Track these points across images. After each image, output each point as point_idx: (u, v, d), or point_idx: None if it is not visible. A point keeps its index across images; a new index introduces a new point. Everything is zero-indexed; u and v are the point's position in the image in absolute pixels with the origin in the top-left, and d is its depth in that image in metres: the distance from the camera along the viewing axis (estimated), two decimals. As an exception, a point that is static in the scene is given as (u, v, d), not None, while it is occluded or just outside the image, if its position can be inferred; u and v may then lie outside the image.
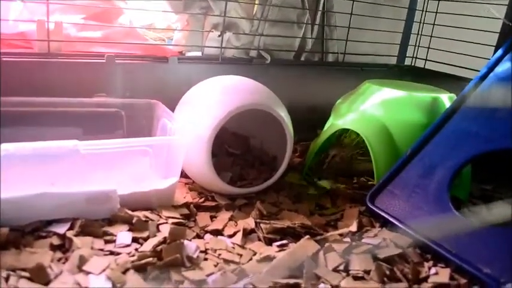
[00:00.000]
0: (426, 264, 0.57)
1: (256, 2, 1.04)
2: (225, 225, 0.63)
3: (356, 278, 0.53)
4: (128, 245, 0.54)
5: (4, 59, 0.74)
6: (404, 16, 1.23)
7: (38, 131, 0.68)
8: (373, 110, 0.80)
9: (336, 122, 0.82)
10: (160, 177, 0.66)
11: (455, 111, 0.70)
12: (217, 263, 0.54)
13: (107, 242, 0.55)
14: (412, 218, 0.64)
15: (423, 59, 1.18)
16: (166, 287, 0.48)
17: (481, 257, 0.55)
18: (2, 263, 0.47)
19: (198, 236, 0.60)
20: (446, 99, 0.79)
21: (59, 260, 0.51)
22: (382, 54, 1.22)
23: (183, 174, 0.73)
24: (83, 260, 0.50)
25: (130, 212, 0.59)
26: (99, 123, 0.74)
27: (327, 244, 0.58)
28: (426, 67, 1.18)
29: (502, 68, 0.69)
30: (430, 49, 1.16)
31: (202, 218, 0.65)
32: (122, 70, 0.84)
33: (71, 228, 0.55)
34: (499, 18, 0.98)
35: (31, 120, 0.69)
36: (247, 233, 0.62)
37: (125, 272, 0.49)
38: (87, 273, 0.48)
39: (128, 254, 0.53)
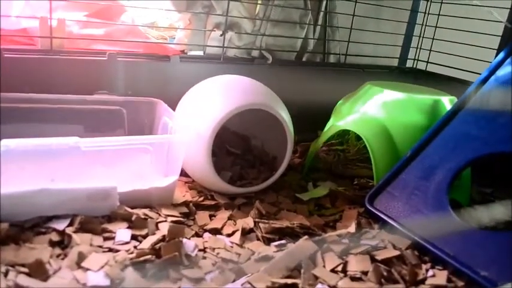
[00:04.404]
0: (424, 266, 0.57)
1: (259, 1, 1.04)
2: (224, 224, 0.63)
3: (354, 278, 0.53)
4: (127, 242, 0.54)
5: (6, 55, 0.75)
6: (406, 18, 1.23)
7: (39, 127, 0.68)
8: (373, 111, 0.80)
9: (337, 123, 0.82)
10: (160, 176, 0.67)
11: (456, 113, 0.70)
12: (216, 262, 0.54)
13: (106, 238, 0.55)
14: (410, 219, 0.64)
15: (425, 61, 1.18)
16: (164, 285, 0.49)
17: (478, 260, 0.55)
18: (1, 259, 0.48)
19: (197, 235, 0.60)
20: (447, 101, 0.79)
21: (58, 256, 0.51)
22: (383, 56, 1.22)
23: (183, 173, 0.73)
24: (81, 257, 0.50)
25: (129, 210, 0.59)
26: (101, 120, 0.74)
27: (325, 245, 0.58)
28: (428, 69, 1.18)
29: (503, 71, 0.69)
30: (431, 51, 1.16)
31: (202, 216, 0.65)
32: (123, 68, 0.84)
33: (70, 224, 0.55)
34: (501, 22, 0.98)
35: (32, 116, 0.69)
36: (245, 233, 0.62)
37: (123, 269, 0.49)
38: (86, 269, 0.48)
39: (127, 251, 0.53)
